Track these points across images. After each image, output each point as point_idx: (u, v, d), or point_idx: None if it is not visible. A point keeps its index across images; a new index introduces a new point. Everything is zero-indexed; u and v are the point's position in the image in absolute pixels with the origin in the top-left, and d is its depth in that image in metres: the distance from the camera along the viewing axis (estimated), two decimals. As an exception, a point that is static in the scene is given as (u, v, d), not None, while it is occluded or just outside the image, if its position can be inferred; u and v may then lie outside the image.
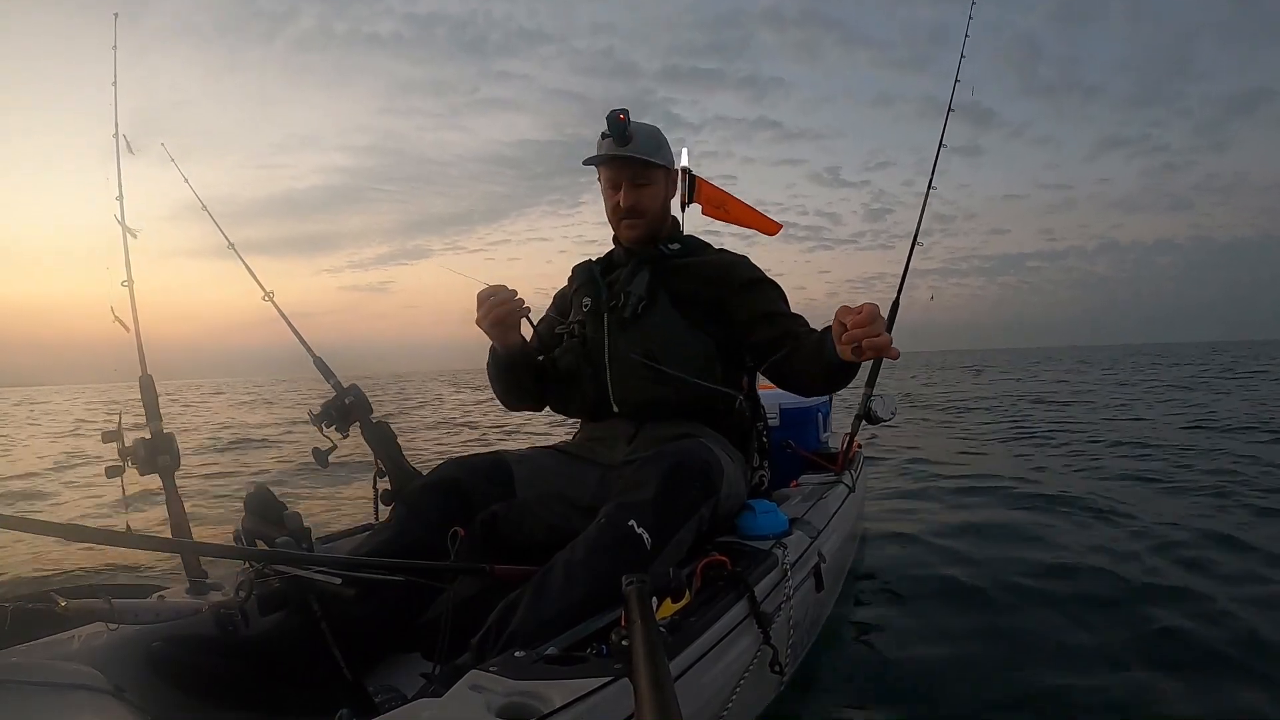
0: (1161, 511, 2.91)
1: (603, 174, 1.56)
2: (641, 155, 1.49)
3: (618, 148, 1.47)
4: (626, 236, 1.58)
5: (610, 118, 1.44)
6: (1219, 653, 1.58)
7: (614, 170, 1.53)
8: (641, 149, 1.49)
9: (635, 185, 1.52)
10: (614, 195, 1.54)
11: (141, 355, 1.44)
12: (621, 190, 1.52)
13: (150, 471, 1.34)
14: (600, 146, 1.50)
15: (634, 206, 1.53)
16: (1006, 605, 1.93)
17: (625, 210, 1.53)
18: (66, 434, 10.20)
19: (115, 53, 1.60)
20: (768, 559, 1.27)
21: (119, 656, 0.97)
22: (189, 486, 4.26)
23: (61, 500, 4.46)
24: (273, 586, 1.03)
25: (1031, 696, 1.43)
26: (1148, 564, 2.23)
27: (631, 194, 1.52)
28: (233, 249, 1.73)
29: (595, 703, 0.74)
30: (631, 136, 1.47)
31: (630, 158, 1.48)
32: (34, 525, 0.74)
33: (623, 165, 1.51)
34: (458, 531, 1.10)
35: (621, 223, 1.56)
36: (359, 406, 1.57)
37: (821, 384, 1.42)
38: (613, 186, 1.54)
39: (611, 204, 1.55)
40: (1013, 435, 6.00)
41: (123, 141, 1.57)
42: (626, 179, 1.52)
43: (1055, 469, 4.18)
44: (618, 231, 1.59)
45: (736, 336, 1.53)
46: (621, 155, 1.48)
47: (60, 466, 6.13)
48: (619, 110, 1.44)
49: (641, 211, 1.54)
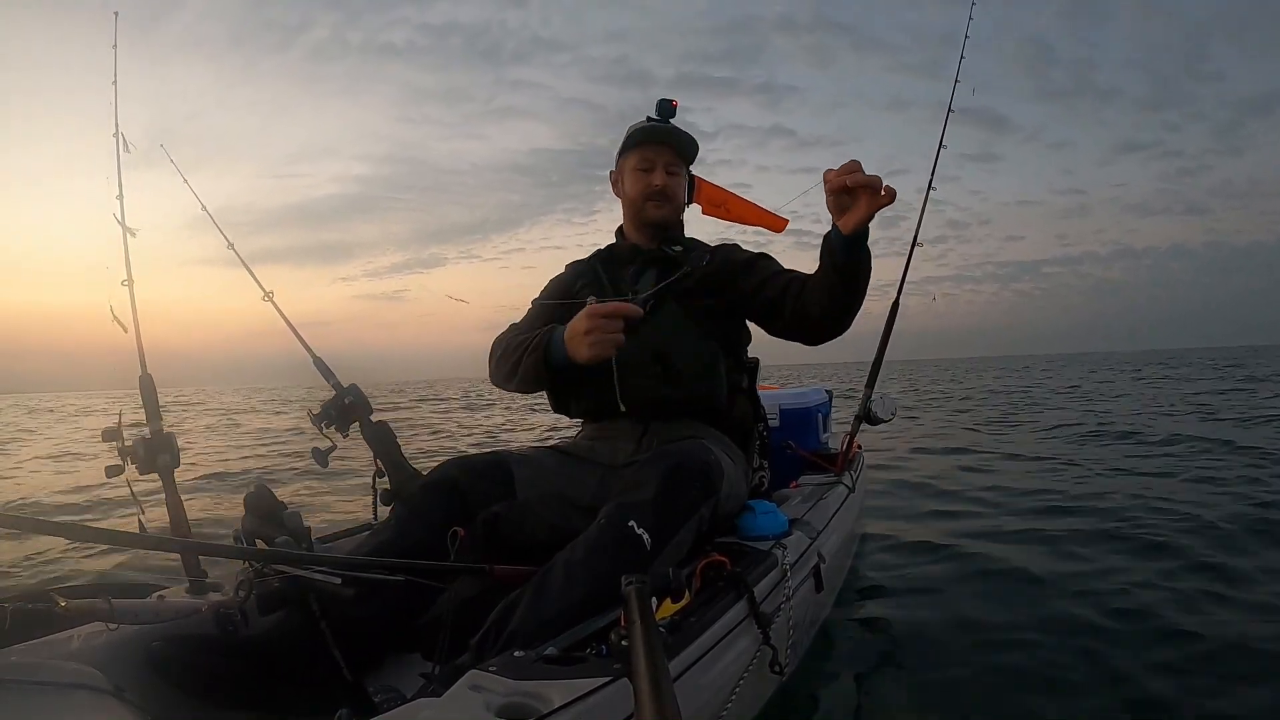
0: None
1: (637, 155, 1.58)
2: (682, 140, 1.56)
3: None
4: (653, 216, 1.58)
5: (661, 101, 1.55)
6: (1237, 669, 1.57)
7: (652, 151, 1.56)
8: (682, 140, 1.57)
9: (668, 171, 1.57)
10: (646, 176, 1.57)
11: (141, 355, 1.44)
12: (657, 170, 1.56)
13: (150, 471, 1.34)
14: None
15: (665, 188, 1.56)
16: (1008, 605, 1.93)
17: (658, 190, 1.56)
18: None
19: (115, 52, 1.60)
20: (767, 559, 1.27)
21: (119, 656, 0.97)
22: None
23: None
24: (272, 586, 1.03)
25: (1032, 696, 1.43)
26: (1175, 567, 2.22)
27: (665, 176, 1.56)
28: (232, 248, 1.73)
29: (595, 703, 0.74)
30: (673, 125, 1.56)
31: (670, 141, 1.55)
32: (34, 525, 0.74)
33: (662, 148, 1.56)
34: (458, 531, 1.10)
35: (648, 203, 1.57)
36: (359, 406, 1.57)
37: (842, 290, 1.31)
38: (647, 167, 1.57)
39: (642, 184, 1.57)
40: (1036, 437, 6.00)
41: (121, 140, 1.57)
42: (663, 162, 1.56)
43: (1080, 473, 4.17)
44: (642, 213, 1.59)
45: (749, 312, 1.55)
46: (668, 130, 1.55)
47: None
48: (671, 98, 1.55)
49: (671, 196, 1.58)
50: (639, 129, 1.57)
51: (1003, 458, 4.74)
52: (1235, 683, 1.45)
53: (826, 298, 1.33)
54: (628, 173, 1.60)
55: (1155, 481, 3.63)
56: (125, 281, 1.47)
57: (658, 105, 1.55)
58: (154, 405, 1.40)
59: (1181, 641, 1.64)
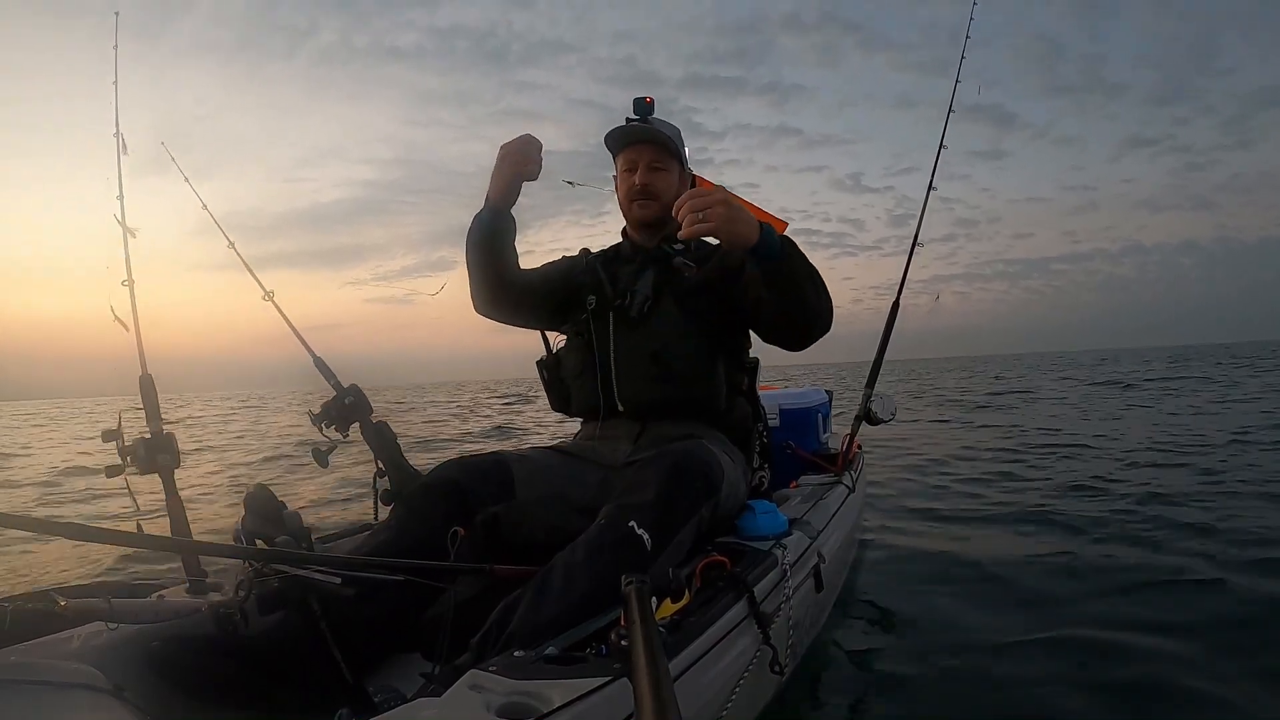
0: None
1: (621, 159, 1.58)
2: (660, 136, 1.53)
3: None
4: (639, 216, 1.58)
5: (636, 100, 1.53)
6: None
7: (633, 152, 1.56)
8: (658, 135, 1.54)
9: (651, 169, 1.55)
10: (630, 177, 1.56)
11: (141, 355, 1.44)
12: (638, 171, 1.55)
13: (150, 471, 1.34)
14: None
15: (648, 186, 1.55)
16: (1010, 605, 1.93)
17: (639, 189, 1.55)
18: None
19: (116, 52, 1.61)
20: (767, 559, 1.27)
21: (119, 656, 0.97)
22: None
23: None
24: (272, 586, 1.03)
25: (1034, 697, 1.43)
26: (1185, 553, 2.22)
27: (647, 174, 1.55)
28: (233, 247, 1.73)
29: (595, 702, 0.74)
30: (652, 122, 1.53)
31: (649, 141, 1.53)
32: (35, 525, 0.74)
33: (641, 147, 1.55)
34: (458, 531, 1.10)
35: (634, 204, 1.57)
36: (359, 407, 1.57)
37: (779, 297, 1.32)
38: (630, 168, 1.56)
39: (626, 185, 1.57)
40: (1026, 443, 6.00)
41: (121, 141, 1.57)
42: (645, 161, 1.55)
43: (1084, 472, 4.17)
44: (630, 214, 1.60)
45: (742, 314, 1.53)
46: (641, 129, 1.53)
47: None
48: (645, 96, 1.53)
49: (655, 194, 1.56)
50: (614, 132, 1.56)
51: (1003, 457, 4.75)
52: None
53: (774, 305, 1.35)
54: (619, 174, 1.61)
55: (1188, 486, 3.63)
56: (125, 281, 1.47)
57: (634, 105, 1.54)
58: (154, 405, 1.41)
59: (1187, 640, 1.64)
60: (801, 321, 1.37)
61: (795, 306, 1.33)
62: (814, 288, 1.31)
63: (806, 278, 1.29)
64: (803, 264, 1.29)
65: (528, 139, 1.39)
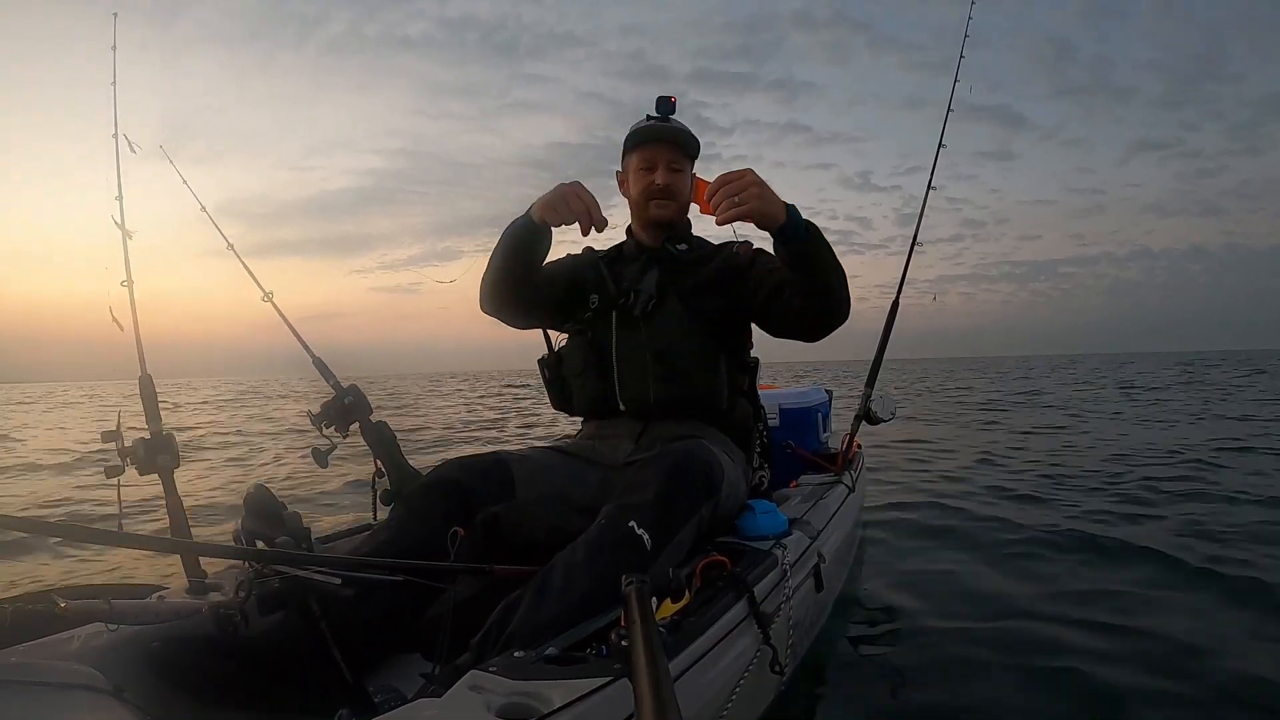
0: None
1: (638, 156, 1.57)
2: (682, 137, 1.54)
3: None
4: (656, 216, 1.57)
5: (660, 99, 1.53)
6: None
7: (653, 150, 1.55)
8: (682, 137, 1.55)
9: (671, 169, 1.55)
10: (648, 175, 1.55)
11: (141, 355, 1.44)
12: (658, 170, 1.54)
13: (150, 471, 1.34)
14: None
15: (669, 187, 1.54)
16: (1010, 605, 1.93)
17: (661, 189, 1.54)
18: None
19: (115, 53, 1.60)
20: (767, 559, 1.27)
21: (119, 656, 0.97)
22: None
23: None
24: (272, 587, 1.03)
25: (1034, 697, 1.43)
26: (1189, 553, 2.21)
27: (668, 175, 1.54)
28: (231, 249, 1.73)
29: (595, 703, 0.74)
30: (673, 122, 1.54)
31: (671, 140, 1.54)
32: (34, 525, 0.74)
33: (662, 146, 1.54)
34: (458, 531, 1.10)
35: (651, 202, 1.56)
36: (358, 406, 1.57)
37: (805, 281, 1.31)
38: (649, 167, 1.55)
39: (644, 184, 1.56)
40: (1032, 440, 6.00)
41: (123, 141, 1.57)
42: (665, 161, 1.54)
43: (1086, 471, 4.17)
44: (645, 213, 1.59)
45: (750, 311, 1.53)
46: (670, 129, 1.53)
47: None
48: (669, 95, 1.53)
49: (674, 194, 1.56)
50: (639, 129, 1.56)
51: (1004, 459, 4.74)
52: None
53: (798, 287, 1.34)
54: (632, 173, 1.59)
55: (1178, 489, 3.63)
56: (124, 282, 1.47)
57: (657, 103, 1.54)
58: (154, 406, 1.40)
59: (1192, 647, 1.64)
60: (823, 307, 1.37)
61: (820, 289, 1.33)
62: (836, 273, 1.32)
63: (830, 260, 1.30)
64: (827, 246, 1.29)
65: (594, 202, 1.30)
